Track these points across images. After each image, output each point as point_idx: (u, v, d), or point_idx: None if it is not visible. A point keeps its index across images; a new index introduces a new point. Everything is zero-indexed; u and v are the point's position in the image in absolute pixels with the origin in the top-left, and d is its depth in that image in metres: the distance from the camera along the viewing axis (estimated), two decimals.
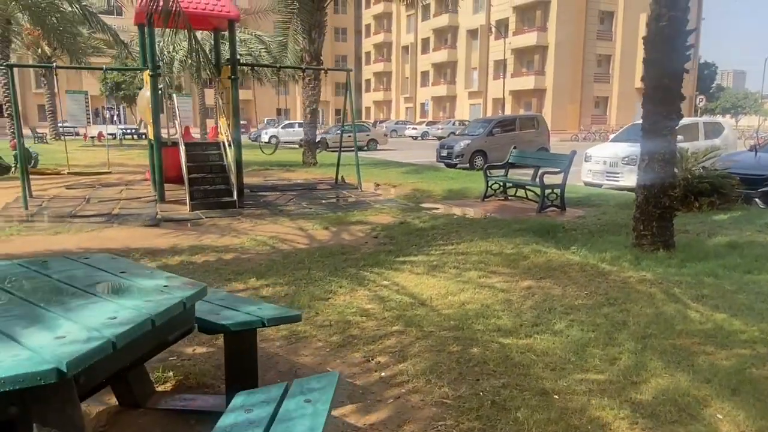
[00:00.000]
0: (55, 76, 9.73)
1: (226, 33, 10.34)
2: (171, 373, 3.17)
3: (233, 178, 9.17)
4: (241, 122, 46.06)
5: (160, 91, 13.00)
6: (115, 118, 43.43)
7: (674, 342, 3.70)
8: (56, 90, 33.98)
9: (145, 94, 10.08)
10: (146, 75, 9.58)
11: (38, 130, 32.09)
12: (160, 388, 3.02)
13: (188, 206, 8.56)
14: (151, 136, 9.95)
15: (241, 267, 5.47)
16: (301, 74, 14.97)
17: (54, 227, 7.38)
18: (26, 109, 55.09)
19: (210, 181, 9.19)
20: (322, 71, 13.59)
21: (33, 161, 13.69)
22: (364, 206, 9.36)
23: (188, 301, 1.97)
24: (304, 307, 4.35)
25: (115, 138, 33.00)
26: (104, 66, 9.98)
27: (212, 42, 11.66)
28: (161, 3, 5.33)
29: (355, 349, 3.61)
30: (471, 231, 7.15)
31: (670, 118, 5.98)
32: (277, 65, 11.90)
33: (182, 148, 8.91)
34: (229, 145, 9.55)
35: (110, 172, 12.11)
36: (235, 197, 8.93)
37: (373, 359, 3.45)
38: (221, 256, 5.92)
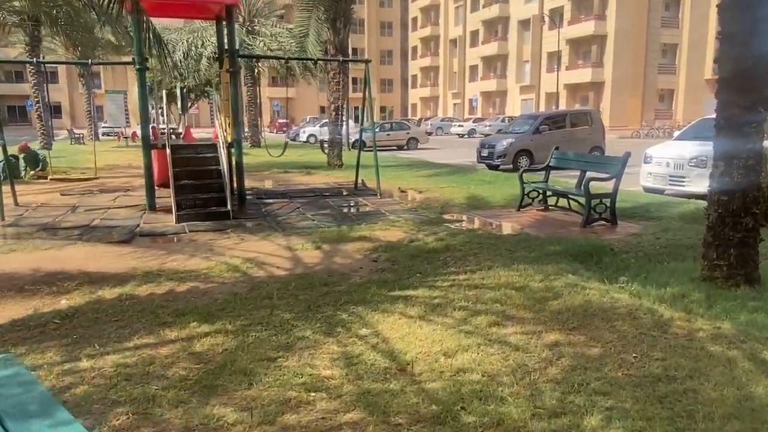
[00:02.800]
0: (80, 75, 8.99)
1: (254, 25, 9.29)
2: None
3: (231, 185, 8.13)
4: (284, 121, 45.55)
5: (184, 89, 12.21)
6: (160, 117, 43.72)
7: None
8: (93, 90, 34.05)
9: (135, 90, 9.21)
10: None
11: (76, 131, 32.43)
12: None
13: (174, 217, 7.57)
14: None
15: (190, 304, 4.37)
16: (317, 66, 13.76)
17: (13, 244, 6.53)
18: (75, 110, 56.88)
19: (203, 188, 8.15)
20: (341, 62, 12.40)
21: (41, 164, 13.18)
22: (375, 217, 8.14)
23: None
24: (239, 372, 3.20)
25: None
26: (90, 60, 9.11)
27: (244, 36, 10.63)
28: None
29: None
30: (493, 253, 5.80)
31: (755, 110, 4.53)
32: (285, 57, 10.79)
33: (168, 151, 7.93)
34: (230, 147, 8.53)
35: (96, 177, 11.36)
36: (228, 207, 7.87)
37: None
38: (175, 286, 4.84)
